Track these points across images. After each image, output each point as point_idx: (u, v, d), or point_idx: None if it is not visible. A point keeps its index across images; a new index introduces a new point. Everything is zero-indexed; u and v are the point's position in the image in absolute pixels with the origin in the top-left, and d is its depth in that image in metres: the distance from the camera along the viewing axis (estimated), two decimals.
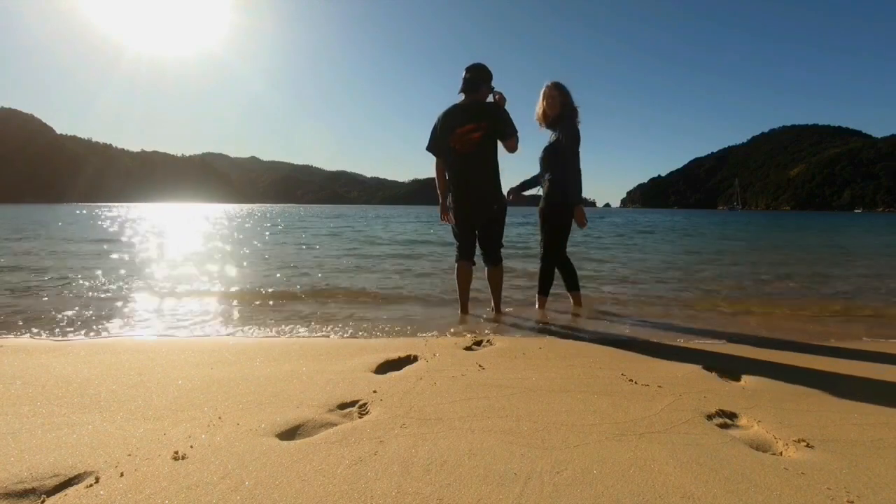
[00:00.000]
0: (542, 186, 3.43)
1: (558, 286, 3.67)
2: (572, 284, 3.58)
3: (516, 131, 3.09)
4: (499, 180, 3.18)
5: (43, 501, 1.08)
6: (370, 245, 10.17)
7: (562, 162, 3.25)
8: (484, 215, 3.18)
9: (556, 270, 3.53)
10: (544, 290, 3.54)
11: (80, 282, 4.79)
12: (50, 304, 3.68)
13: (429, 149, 3.19)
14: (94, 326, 3.05)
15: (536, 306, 3.57)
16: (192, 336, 2.87)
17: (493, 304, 3.43)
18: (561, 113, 3.27)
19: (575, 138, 3.20)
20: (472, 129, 3.00)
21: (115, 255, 7.44)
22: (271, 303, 3.90)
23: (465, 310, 3.41)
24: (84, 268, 5.91)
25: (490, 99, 3.14)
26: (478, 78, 3.07)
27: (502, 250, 3.36)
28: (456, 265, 3.36)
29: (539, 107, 3.34)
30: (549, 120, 3.33)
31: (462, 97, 3.12)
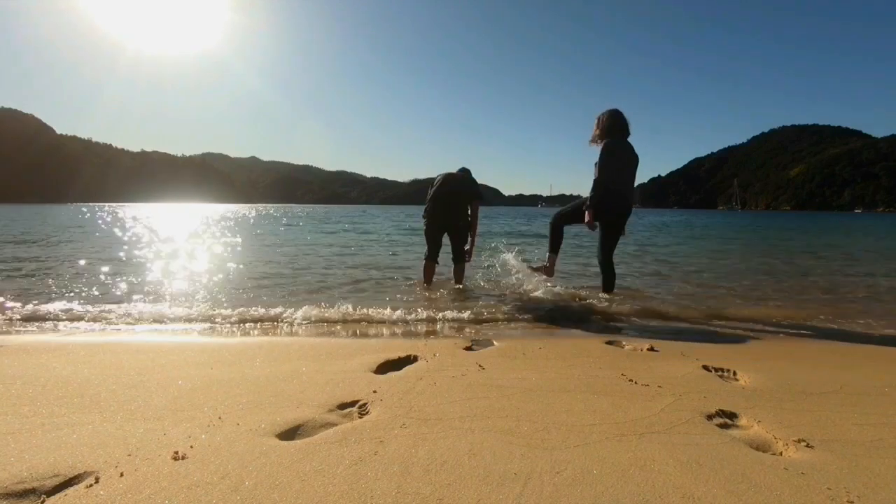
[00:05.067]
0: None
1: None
2: (607, 287, 4.09)
3: (480, 197, 4.62)
4: (467, 214, 4.57)
5: (43, 501, 1.08)
6: None
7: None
8: (454, 227, 4.54)
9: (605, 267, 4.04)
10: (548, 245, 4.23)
11: (78, 281, 4.79)
12: (50, 304, 3.68)
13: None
14: (94, 328, 3.05)
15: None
16: (191, 337, 2.87)
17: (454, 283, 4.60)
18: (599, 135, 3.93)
19: (601, 155, 3.77)
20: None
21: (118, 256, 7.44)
22: (270, 301, 3.90)
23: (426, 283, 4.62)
24: (82, 268, 5.91)
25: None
26: (468, 177, 4.66)
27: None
28: (424, 262, 4.62)
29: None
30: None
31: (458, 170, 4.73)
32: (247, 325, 3.17)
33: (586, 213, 3.76)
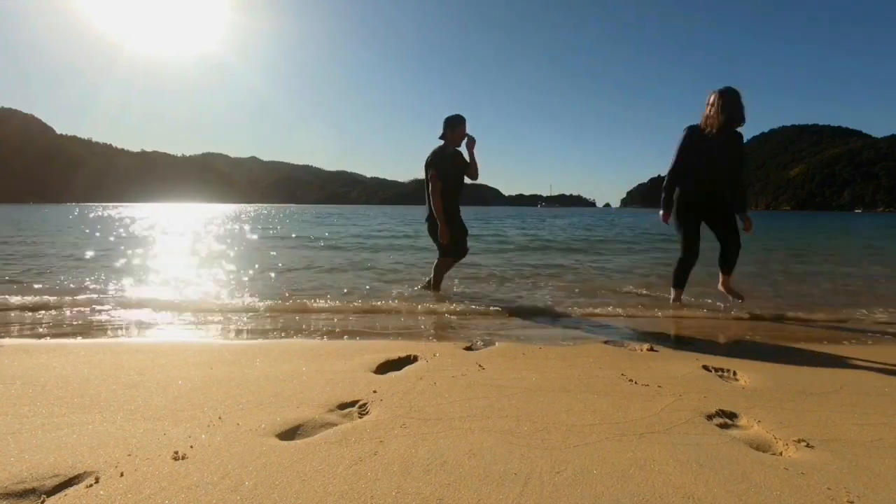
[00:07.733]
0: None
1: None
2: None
3: (432, 165, 3.91)
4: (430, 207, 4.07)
5: (43, 501, 1.08)
6: None
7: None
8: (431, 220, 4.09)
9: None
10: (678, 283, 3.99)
11: (78, 280, 4.79)
12: (52, 304, 3.68)
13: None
14: (95, 327, 3.05)
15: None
16: (191, 337, 2.87)
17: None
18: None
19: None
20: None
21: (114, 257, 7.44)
22: (270, 302, 3.90)
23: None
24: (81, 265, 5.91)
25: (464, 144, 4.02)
26: (445, 125, 3.99)
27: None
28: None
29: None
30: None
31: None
32: (246, 325, 3.17)
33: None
